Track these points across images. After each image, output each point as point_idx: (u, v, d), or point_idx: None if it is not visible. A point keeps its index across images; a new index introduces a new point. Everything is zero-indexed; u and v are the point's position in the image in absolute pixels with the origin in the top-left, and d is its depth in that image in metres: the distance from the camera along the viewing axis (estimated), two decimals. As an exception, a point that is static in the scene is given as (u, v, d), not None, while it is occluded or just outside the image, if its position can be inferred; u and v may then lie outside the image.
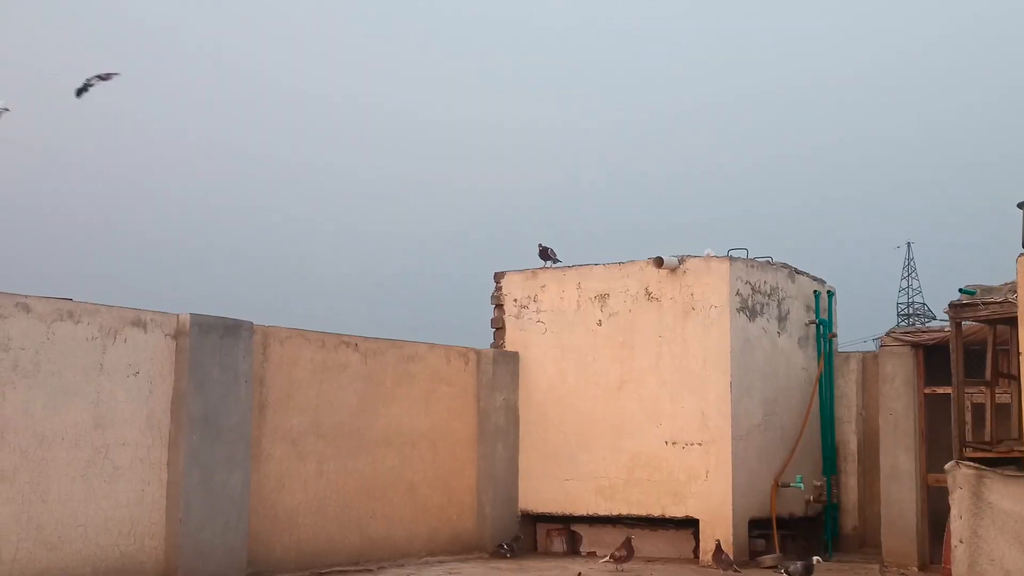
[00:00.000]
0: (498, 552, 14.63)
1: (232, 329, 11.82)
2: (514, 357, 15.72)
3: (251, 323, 12.09)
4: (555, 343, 15.59)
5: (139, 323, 11.09)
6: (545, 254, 15.90)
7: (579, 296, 15.52)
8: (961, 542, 8.76)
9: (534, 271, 16.00)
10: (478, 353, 15.38)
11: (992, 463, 9.16)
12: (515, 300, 16.01)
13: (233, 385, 11.72)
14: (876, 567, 13.94)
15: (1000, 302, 9.77)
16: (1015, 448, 9.29)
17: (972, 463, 9.03)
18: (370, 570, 12.98)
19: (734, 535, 13.95)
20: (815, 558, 12.27)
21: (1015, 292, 8.56)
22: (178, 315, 11.45)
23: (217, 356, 11.58)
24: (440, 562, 13.93)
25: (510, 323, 16.01)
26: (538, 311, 15.79)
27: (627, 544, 13.45)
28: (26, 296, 10.30)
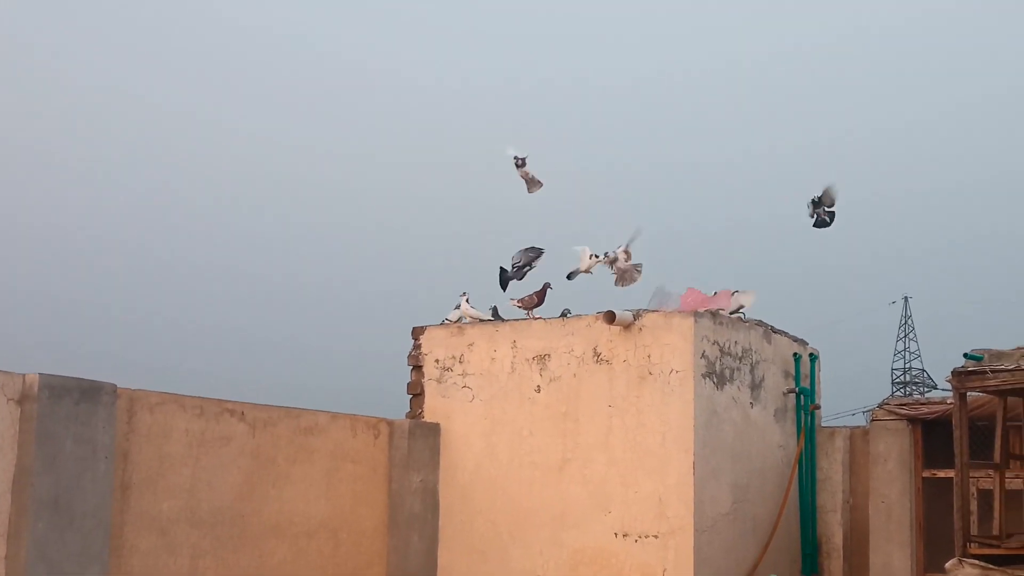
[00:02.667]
0: None
1: (90, 393, 11.64)
2: (434, 430, 15.66)
3: (114, 386, 11.93)
4: (484, 413, 15.57)
5: (-25, 384, 10.91)
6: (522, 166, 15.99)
7: (514, 357, 15.53)
8: (965, 656, 8.86)
9: (460, 326, 16.01)
10: (391, 425, 15.32)
11: (1001, 561, 9.27)
12: (437, 360, 15.99)
13: (90, 461, 11.53)
14: None
15: (1012, 369, 9.94)
16: (1028, 544, 9.42)
17: (978, 561, 9.14)
18: None
19: (696, 647, 13.95)
20: None
21: (1028, 358, 8.70)
22: (24, 375, 11.27)
23: (71, 426, 11.39)
24: None
25: (430, 388, 15.97)
26: (464, 374, 15.78)
27: None
28: None
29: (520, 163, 15.75)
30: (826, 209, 15.14)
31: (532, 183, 15.80)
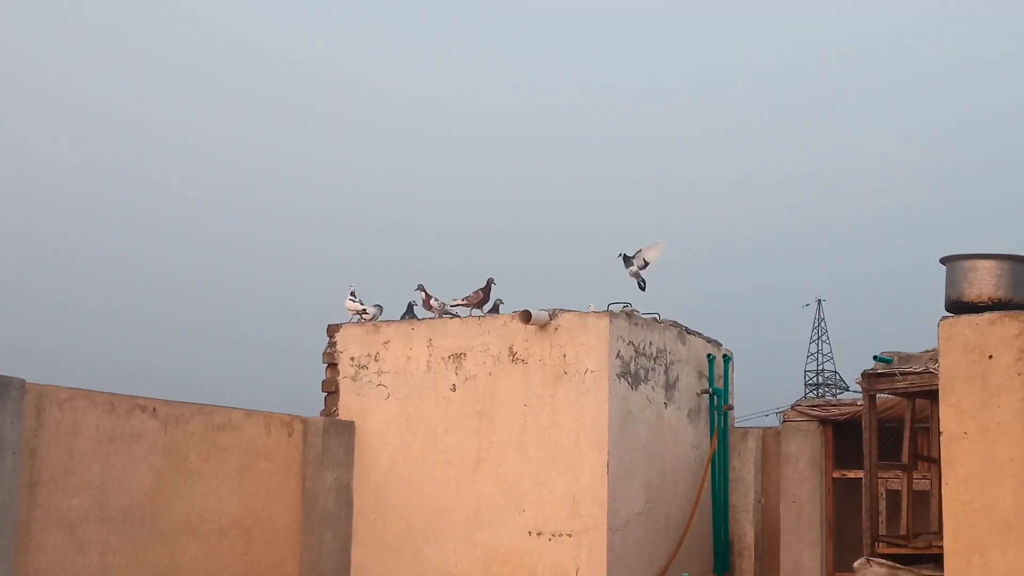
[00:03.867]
0: None
1: (-3, 387, 11.42)
2: (349, 428, 15.55)
3: (22, 381, 11.71)
4: (399, 411, 15.47)
5: None
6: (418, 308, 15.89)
7: (430, 355, 15.45)
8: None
9: (376, 324, 15.91)
10: (305, 422, 15.18)
11: (908, 560, 9.34)
12: (352, 359, 15.87)
13: (-4, 457, 11.31)
14: None
15: (920, 372, 10.01)
16: (934, 544, 9.48)
17: (885, 560, 9.21)
18: None
19: (608, 645, 13.94)
20: None
21: (936, 361, 8.76)
22: (-73, 369, 11.03)
23: (-23, 420, 11.19)
24: None
25: (345, 386, 15.85)
26: (380, 372, 15.67)
27: None
28: None
29: (633, 265, 15.35)
30: (639, 270, 15.07)
31: (636, 276, 15.50)
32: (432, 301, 15.86)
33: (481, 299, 15.68)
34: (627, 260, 15.49)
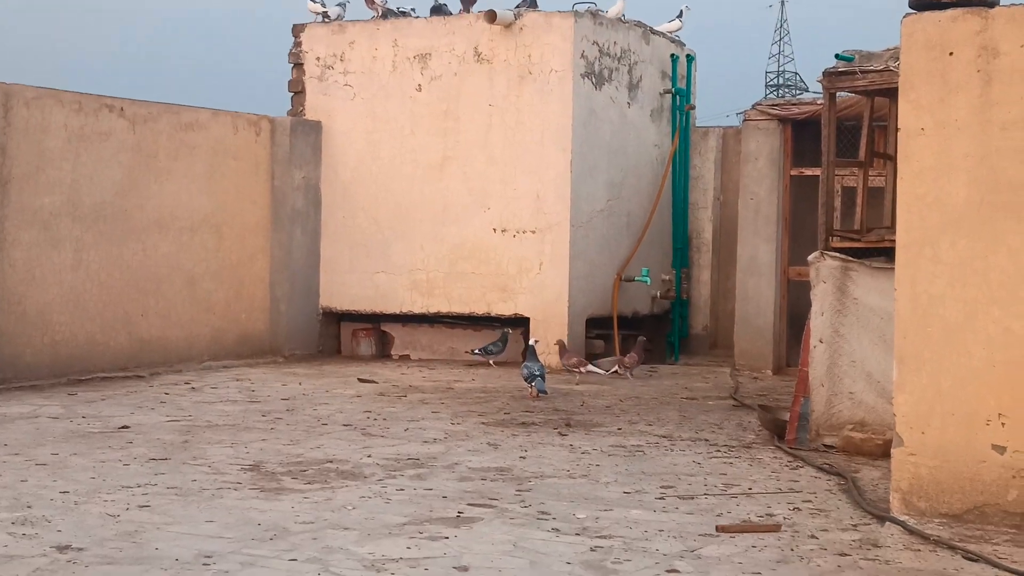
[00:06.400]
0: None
1: (-37, 85, 11.25)
2: (316, 127, 15.46)
3: (-13, 79, 11.52)
4: (366, 111, 15.36)
5: None
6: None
7: (395, 56, 15.25)
8: (821, 342, 9.11)
9: (342, 23, 15.63)
10: (272, 122, 15.08)
11: (860, 254, 9.47)
12: (318, 59, 15.64)
13: (-34, 155, 11.23)
14: (727, 371, 14.53)
15: (880, 70, 9.92)
16: (886, 238, 9.60)
17: (838, 254, 9.34)
18: (141, 376, 12.90)
19: (570, 335, 14.26)
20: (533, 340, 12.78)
21: (898, 59, 8.69)
22: None
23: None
24: (225, 367, 13.94)
25: (312, 87, 15.68)
26: (346, 72, 15.48)
27: (639, 348, 13.77)
28: None
29: None
30: None
31: None
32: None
33: None
34: None
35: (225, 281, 14.43)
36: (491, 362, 14.41)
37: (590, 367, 13.47)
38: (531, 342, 12.52)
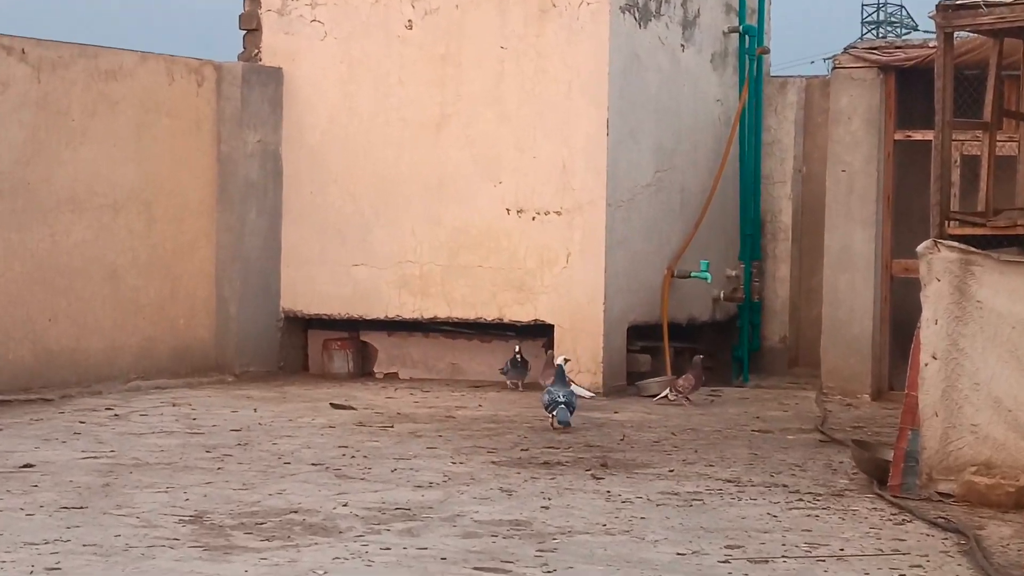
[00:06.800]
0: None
1: None
2: (276, 76, 15.51)
3: None
4: (340, 55, 15.39)
5: None
6: None
7: (379, -18, 15.29)
8: (935, 358, 9.08)
9: (308, -59, 15.68)
10: (218, 69, 15.12)
11: (986, 243, 9.45)
12: (278, -14, 15.69)
13: None
14: (811, 395, 14.50)
15: (1012, 3, 9.92)
16: (1019, 222, 9.60)
17: (957, 243, 9.30)
18: (48, 399, 12.94)
19: (606, 348, 14.29)
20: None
21: (1035, -11, 8.68)
22: None
23: None
24: (158, 388, 13.98)
25: (270, 22, 15.71)
26: (314, 5, 15.51)
27: (696, 370, 13.69)
28: None
29: None
30: None
31: None
32: None
33: None
34: None
35: (157, 276, 14.48)
36: (518, 385, 14.30)
37: (578, 390, 13.02)
38: (558, 360, 12.44)
